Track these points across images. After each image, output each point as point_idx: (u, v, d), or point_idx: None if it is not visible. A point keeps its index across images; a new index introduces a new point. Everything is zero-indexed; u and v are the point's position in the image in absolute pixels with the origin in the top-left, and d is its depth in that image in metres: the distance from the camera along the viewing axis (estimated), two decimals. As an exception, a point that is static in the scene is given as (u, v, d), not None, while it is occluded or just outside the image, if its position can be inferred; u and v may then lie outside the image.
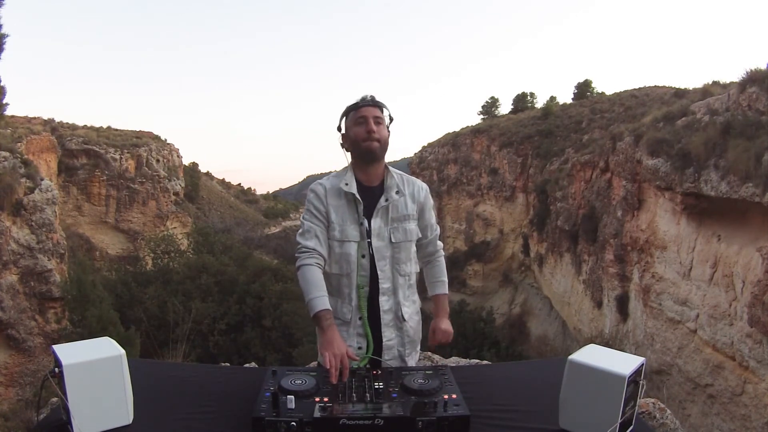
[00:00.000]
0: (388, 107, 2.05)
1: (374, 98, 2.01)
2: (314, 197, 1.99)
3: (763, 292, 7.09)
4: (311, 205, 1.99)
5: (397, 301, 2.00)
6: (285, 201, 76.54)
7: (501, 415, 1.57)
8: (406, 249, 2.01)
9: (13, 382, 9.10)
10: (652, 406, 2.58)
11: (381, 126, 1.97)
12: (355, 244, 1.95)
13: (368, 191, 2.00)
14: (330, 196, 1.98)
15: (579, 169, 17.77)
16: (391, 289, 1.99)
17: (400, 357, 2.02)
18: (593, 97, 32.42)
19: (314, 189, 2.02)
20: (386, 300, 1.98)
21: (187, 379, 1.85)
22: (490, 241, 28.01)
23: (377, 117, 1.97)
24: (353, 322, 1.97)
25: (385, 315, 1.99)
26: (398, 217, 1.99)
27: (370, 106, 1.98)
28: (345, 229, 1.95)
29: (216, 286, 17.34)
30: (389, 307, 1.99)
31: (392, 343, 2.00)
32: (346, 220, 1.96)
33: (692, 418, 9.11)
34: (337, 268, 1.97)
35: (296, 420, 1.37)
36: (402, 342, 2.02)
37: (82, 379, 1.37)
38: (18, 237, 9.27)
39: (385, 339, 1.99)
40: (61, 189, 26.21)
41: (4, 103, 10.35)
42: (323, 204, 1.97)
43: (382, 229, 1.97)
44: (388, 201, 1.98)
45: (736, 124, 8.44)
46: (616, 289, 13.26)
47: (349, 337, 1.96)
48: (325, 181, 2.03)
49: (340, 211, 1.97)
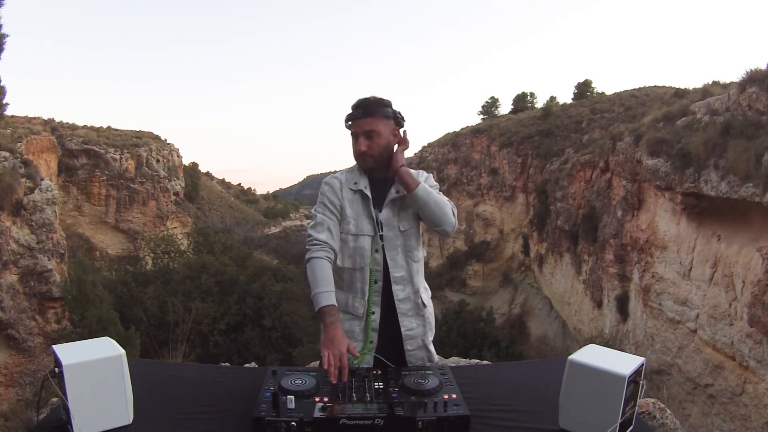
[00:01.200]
0: (389, 105, 1.98)
1: (363, 108, 1.94)
2: (329, 190, 1.98)
3: (763, 292, 7.09)
4: (325, 198, 1.98)
5: (416, 289, 1.99)
6: (285, 201, 76.58)
7: (501, 415, 1.57)
8: (416, 235, 2.01)
9: (13, 382, 9.09)
10: (652, 406, 2.58)
11: (374, 138, 1.92)
12: (369, 238, 1.95)
13: (380, 183, 2.00)
14: (345, 190, 1.98)
15: (579, 169, 17.77)
16: (406, 277, 1.97)
17: (424, 346, 2.01)
18: (593, 97, 32.42)
19: (329, 182, 2.01)
20: (401, 289, 1.96)
21: (187, 379, 1.85)
22: (490, 241, 28.01)
23: (369, 131, 1.92)
24: (365, 317, 1.96)
25: (402, 304, 1.96)
26: (406, 205, 1.99)
27: (359, 120, 1.93)
28: (360, 223, 1.95)
29: (216, 286, 17.34)
30: (406, 296, 1.97)
31: (414, 332, 1.98)
32: (361, 214, 1.96)
33: (692, 418, 9.10)
34: (350, 263, 1.96)
35: (296, 420, 1.37)
36: (424, 330, 2.01)
37: (82, 379, 1.37)
38: (18, 237, 9.27)
39: (405, 329, 1.96)
40: (61, 189, 26.19)
41: (4, 103, 10.35)
42: (338, 197, 1.97)
43: (391, 219, 1.97)
44: (399, 192, 1.97)
45: (736, 124, 8.44)
46: (616, 289, 13.26)
47: (361, 331, 1.95)
48: (340, 175, 2.03)
49: (355, 205, 1.97)
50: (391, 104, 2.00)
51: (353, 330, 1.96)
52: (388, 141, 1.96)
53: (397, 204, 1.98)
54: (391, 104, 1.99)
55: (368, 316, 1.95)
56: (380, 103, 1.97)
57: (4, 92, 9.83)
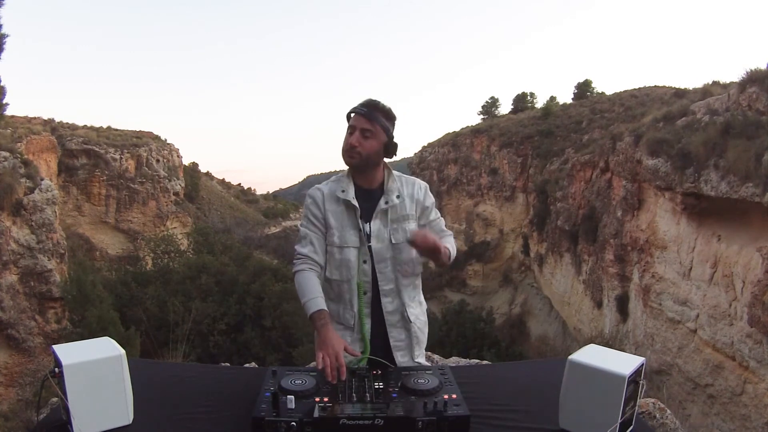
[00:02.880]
0: (387, 116, 1.93)
1: (371, 108, 1.91)
2: (311, 203, 1.98)
3: (763, 292, 7.09)
4: (308, 211, 1.98)
5: (402, 302, 1.98)
6: (285, 201, 76.48)
7: (501, 415, 1.57)
8: (407, 249, 1.97)
9: (13, 382, 9.09)
10: (652, 406, 2.59)
11: (369, 139, 1.89)
12: (355, 250, 1.94)
13: (368, 194, 1.98)
14: (328, 202, 1.96)
15: (579, 169, 17.78)
16: (394, 290, 1.97)
17: (410, 358, 2.01)
18: (593, 97, 32.42)
19: (312, 194, 2.00)
20: (390, 301, 1.97)
21: (187, 379, 1.85)
22: (490, 241, 28.02)
23: (365, 129, 1.89)
24: (356, 328, 1.96)
25: (391, 316, 1.97)
26: (397, 217, 1.96)
27: (362, 116, 1.90)
28: (344, 235, 1.93)
29: (216, 286, 17.35)
30: (394, 308, 1.98)
31: (401, 344, 1.99)
32: (345, 226, 1.94)
33: (692, 418, 9.10)
34: (337, 274, 1.96)
35: (296, 420, 1.37)
36: (411, 343, 2.01)
37: (82, 379, 1.37)
38: (18, 237, 9.27)
39: (394, 340, 1.98)
40: (61, 189, 26.19)
41: (4, 103, 10.35)
42: (320, 210, 1.96)
43: (382, 231, 1.95)
44: (388, 204, 1.95)
45: (736, 124, 8.43)
46: (616, 289, 13.26)
47: (352, 342, 1.95)
48: (323, 186, 2.02)
49: (339, 216, 1.95)
50: (395, 122, 1.97)
51: (345, 340, 1.96)
52: (379, 149, 1.93)
53: (388, 215, 1.96)
54: (395, 122, 1.97)
55: (362, 327, 1.95)
56: (389, 115, 1.95)
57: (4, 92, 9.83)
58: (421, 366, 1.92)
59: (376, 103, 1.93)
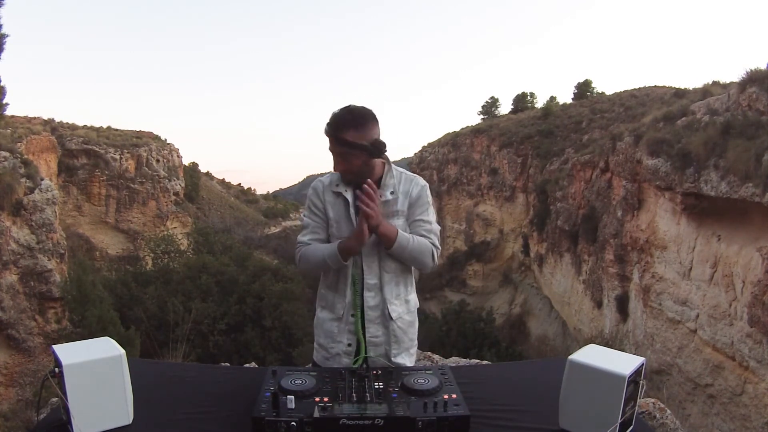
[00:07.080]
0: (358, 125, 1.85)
1: (334, 129, 1.85)
2: (313, 194, 2.04)
3: (763, 292, 7.10)
4: (310, 202, 2.05)
5: (384, 298, 1.97)
6: (285, 201, 76.48)
7: (501, 415, 1.57)
8: None
9: (13, 382, 9.10)
10: (652, 406, 2.59)
11: (349, 158, 1.87)
12: None
13: None
14: (327, 193, 2.01)
15: (579, 169, 17.78)
16: (377, 285, 1.97)
17: (386, 355, 1.99)
18: (593, 97, 32.46)
19: (314, 186, 2.06)
20: (372, 296, 1.97)
21: (187, 379, 1.85)
22: (490, 241, 28.02)
23: (341, 153, 1.87)
24: (345, 319, 1.98)
25: (371, 311, 1.97)
26: (387, 213, 1.95)
27: (332, 140, 1.87)
28: (341, 227, 1.97)
29: (216, 286, 17.33)
30: (375, 304, 1.98)
31: (378, 340, 1.99)
32: (341, 218, 1.97)
33: (692, 418, 9.11)
34: None
35: (296, 420, 1.37)
36: (388, 341, 1.99)
37: (82, 379, 1.37)
38: (18, 237, 9.27)
39: (369, 335, 1.97)
40: (61, 189, 26.19)
41: (4, 103, 10.33)
42: (321, 200, 2.01)
43: None
44: (381, 199, 1.94)
45: (736, 124, 8.44)
46: (616, 289, 13.26)
47: (339, 333, 1.97)
48: (324, 179, 2.06)
49: (336, 208, 1.99)
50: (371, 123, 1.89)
51: (332, 331, 2.00)
52: (365, 158, 1.89)
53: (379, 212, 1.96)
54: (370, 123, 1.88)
55: (356, 322, 1.97)
56: (359, 122, 1.87)
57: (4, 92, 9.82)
58: (421, 366, 1.92)
59: (339, 119, 1.86)
